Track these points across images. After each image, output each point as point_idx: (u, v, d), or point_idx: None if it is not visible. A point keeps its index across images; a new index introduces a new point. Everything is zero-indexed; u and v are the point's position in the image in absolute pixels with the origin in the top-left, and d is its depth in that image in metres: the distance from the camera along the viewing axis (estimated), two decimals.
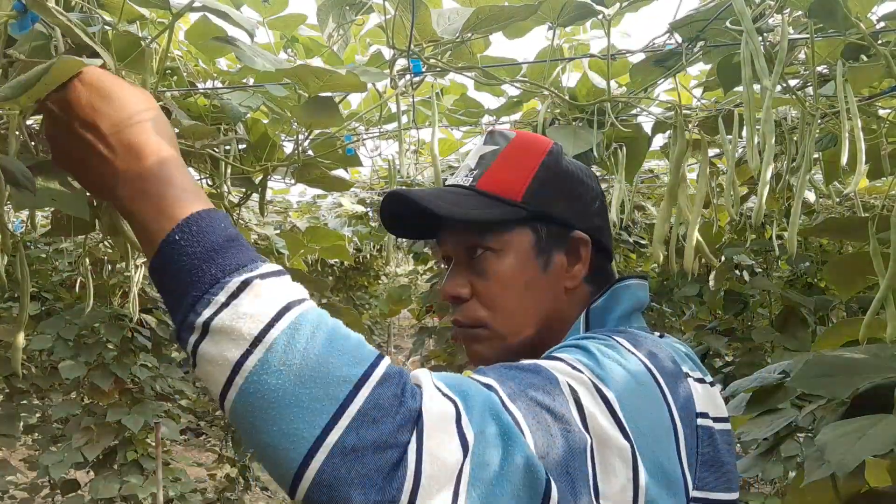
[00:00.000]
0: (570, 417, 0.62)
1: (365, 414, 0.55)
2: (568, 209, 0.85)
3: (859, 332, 1.20)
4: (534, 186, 0.83)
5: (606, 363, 0.68)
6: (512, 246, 0.83)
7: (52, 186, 0.87)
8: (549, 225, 0.84)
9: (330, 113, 1.14)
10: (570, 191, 0.86)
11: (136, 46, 0.94)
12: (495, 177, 0.84)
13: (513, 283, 0.83)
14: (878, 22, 1.12)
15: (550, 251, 0.84)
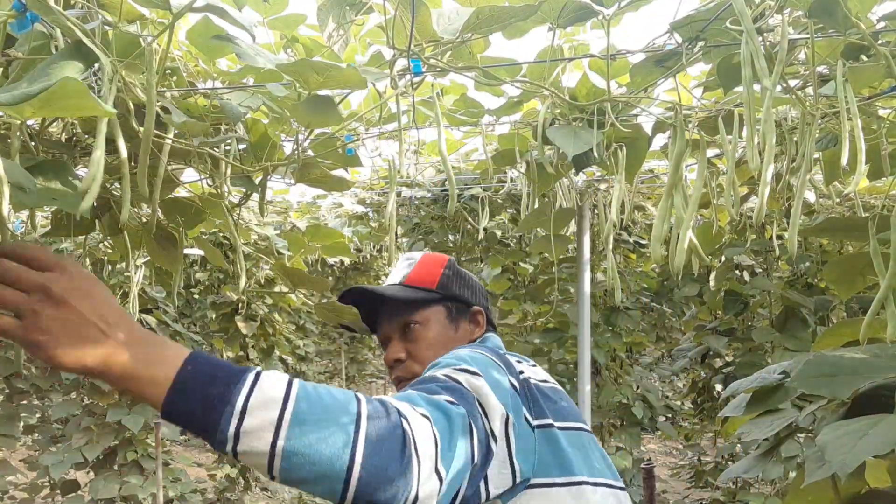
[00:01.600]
0: (457, 387, 0.90)
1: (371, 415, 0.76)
2: (466, 292, 1.28)
3: (860, 333, 1.20)
4: (443, 278, 1.27)
5: (454, 356, 1.00)
6: (433, 318, 1.23)
7: (52, 186, 0.87)
8: (455, 303, 1.26)
9: (329, 111, 1.14)
10: (465, 282, 1.30)
11: (136, 46, 0.94)
12: (416, 276, 1.27)
13: (435, 344, 1.21)
14: (879, 22, 1.12)
15: (458, 320, 1.26)
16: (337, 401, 0.76)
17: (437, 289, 1.26)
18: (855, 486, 1.12)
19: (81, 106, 0.67)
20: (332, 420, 0.74)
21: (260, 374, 0.75)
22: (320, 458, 0.72)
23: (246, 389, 0.73)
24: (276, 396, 0.73)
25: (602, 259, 3.60)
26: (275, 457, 0.71)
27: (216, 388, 0.72)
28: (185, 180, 1.46)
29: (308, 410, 0.73)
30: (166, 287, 3.56)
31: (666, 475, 6.00)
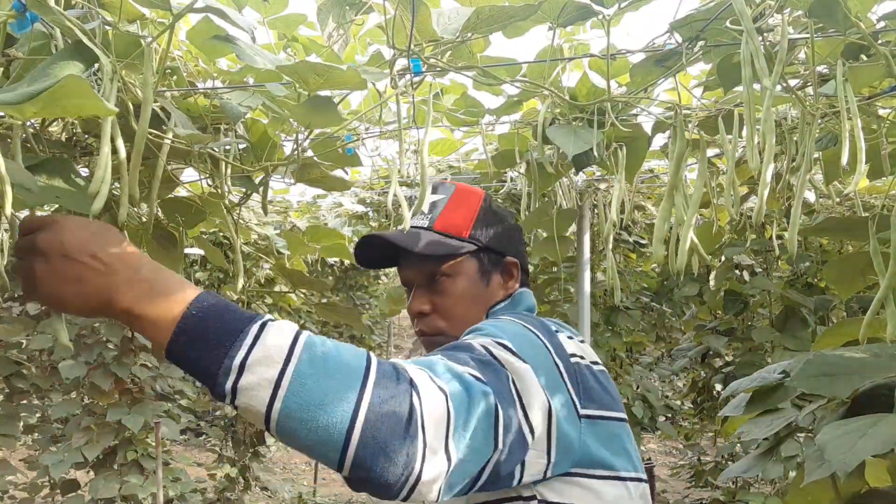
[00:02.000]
0: (492, 362, 0.85)
1: (378, 383, 0.72)
2: (501, 242, 1.16)
3: (859, 332, 1.20)
4: (477, 224, 1.14)
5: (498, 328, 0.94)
6: (462, 271, 1.12)
7: (55, 184, 0.87)
8: (488, 254, 1.14)
9: (328, 112, 1.14)
10: (502, 227, 1.17)
11: (136, 46, 0.94)
12: (447, 220, 1.14)
13: (464, 299, 1.11)
14: (878, 21, 1.12)
15: (490, 274, 1.14)
16: (343, 362, 0.72)
17: (469, 238, 1.13)
18: (855, 486, 1.12)
19: (84, 105, 0.66)
20: (335, 385, 0.70)
21: (266, 326, 0.72)
22: (317, 425, 0.69)
23: (248, 343, 0.70)
24: (279, 353, 0.70)
25: (602, 259, 3.60)
26: (271, 419, 0.69)
27: (218, 337, 0.70)
28: (185, 180, 1.46)
29: (310, 373, 0.70)
30: None
31: (666, 475, 6.00)
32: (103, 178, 0.78)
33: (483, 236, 1.14)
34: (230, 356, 0.69)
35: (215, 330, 0.70)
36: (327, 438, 0.69)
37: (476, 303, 1.11)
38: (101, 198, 0.78)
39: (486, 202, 1.17)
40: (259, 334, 0.71)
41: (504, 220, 1.18)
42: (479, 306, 1.11)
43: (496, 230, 1.16)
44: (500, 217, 1.18)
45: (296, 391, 0.69)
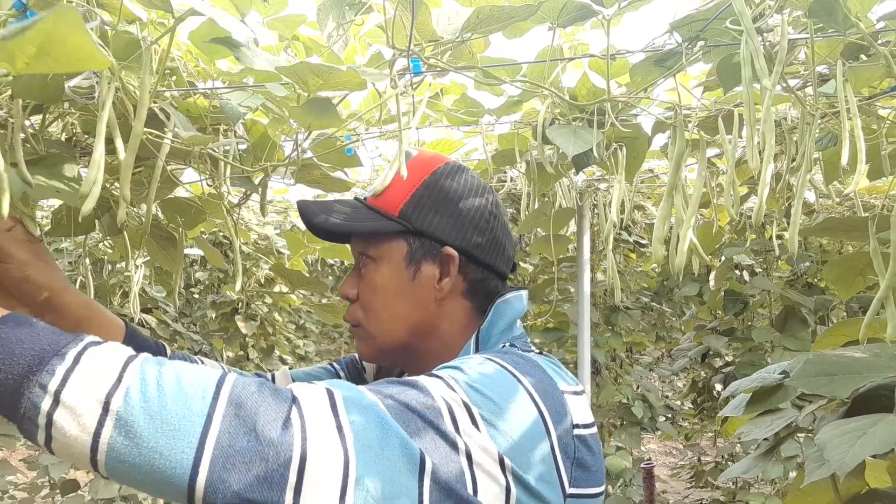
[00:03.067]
0: (440, 422, 0.69)
1: (232, 414, 0.61)
2: (441, 226, 0.92)
3: (859, 332, 1.20)
4: (411, 203, 0.92)
5: (478, 381, 0.74)
6: (386, 255, 0.92)
7: (53, 182, 0.87)
8: (421, 239, 0.92)
9: (328, 113, 1.14)
10: (448, 208, 0.92)
11: (135, 47, 0.94)
12: (385, 193, 0.94)
13: (383, 289, 0.92)
14: (878, 22, 1.12)
15: (420, 263, 0.92)
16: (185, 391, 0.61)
17: (398, 216, 0.92)
18: (855, 487, 1.12)
19: (79, 51, 0.64)
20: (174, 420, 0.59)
21: (85, 349, 0.61)
22: (153, 470, 0.59)
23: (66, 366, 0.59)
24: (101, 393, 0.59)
25: (602, 259, 3.60)
26: (98, 467, 0.60)
27: (25, 360, 0.59)
28: (184, 180, 1.46)
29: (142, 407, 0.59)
30: (166, 287, 3.56)
31: (666, 475, 6.00)
32: (95, 179, 0.78)
33: (415, 216, 0.91)
34: (41, 383, 0.59)
35: (23, 350, 0.60)
36: (170, 485, 0.59)
37: (397, 298, 0.91)
38: (91, 198, 0.77)
39: (436, 175, 0.94)
40: (77, 359, 0.61)
41: (459, 199, 0.93)
42: (401, 303, 0.92)
43: (438, 209, 0.92)
44: (451, 195, 0.93)
45: (123, 436, 0.59)
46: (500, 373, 0.77)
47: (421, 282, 0.92)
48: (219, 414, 0.60)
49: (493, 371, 0.77)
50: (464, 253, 0.92)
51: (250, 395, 0.63)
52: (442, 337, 0.94)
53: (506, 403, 0.74)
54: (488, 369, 0.77)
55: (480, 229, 0.94)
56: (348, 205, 0.95)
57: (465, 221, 0.93)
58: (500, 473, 0.71)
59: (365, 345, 0.96)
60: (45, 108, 1.12)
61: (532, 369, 0.81)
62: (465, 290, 0.94)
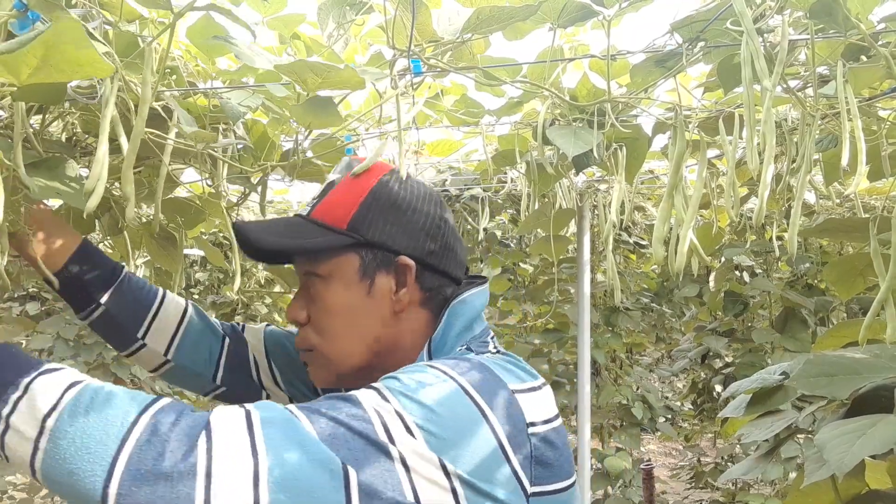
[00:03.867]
0: (371, 432, 0.68)
1: (147, 437, 0.64)
2: (394, 234, 0.88)
3: (859, 334, 1.20)
4: (359, 214, 0.87)
5: (412, 389, 0.73)
6: (337, 272, 0.87)
7: (54, 184, 0.87)
8: (373, 250, 0.87)
9: (328, 112, 1.14)
10: (399, 217, 0.88)
11: (136, 46, 0.94)
12: (327, 206, 0.89)
13: (338, 308, 0.87)
14: (879, 23, 1.12)
15: (374, 276, 0.87)
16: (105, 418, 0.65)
17: (348, 228, 0.87)
18: (855, 488, 1.12)
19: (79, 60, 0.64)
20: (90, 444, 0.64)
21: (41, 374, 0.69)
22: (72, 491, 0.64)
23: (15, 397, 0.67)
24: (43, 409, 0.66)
25: (602, 259, 3.60)
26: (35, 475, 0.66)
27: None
28: (184, 180, 1.46)
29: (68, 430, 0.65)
30: (166, 287, 3.56)
31: (665, 476, 6.00)
32: (99, 176, 0.78)
33: (365, 227, 0.87)
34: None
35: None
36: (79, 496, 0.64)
37: (354, 316, 0.87)
38: (96, 196, 0.78)
39: (382, 183, 0.90)
40: (30, 384, 0.68)
41: (408, 207, 0.89)
42: (359, 321, 0.88)
43: (388, 218, 0.88)
44: (400, 203, 0.89)
45: (52, 452, 0.64)
46: (436, 377, 0.75)
47: (377, 295, 0.88)
48: (132, 441, 0.64)
49: (429, 376, 0.75)
50: (418, 261, 0.89)
51: (166, 421, 0.66)
52: (403, 351, 0.90)
53: (442, 408, 0.72)
54: (424, 376, 0.75)
55: (433, 236, 0.90)
56: (288, 223, 0.90)
57: (416, 228, 0.89)
58: (442, 478, 0.69)
59: (322, 370, 0.91)
60: (46, 109, 1.12)
61: (474, 370, 0.78)
62: (422, 300, 0.90)
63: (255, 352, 1.13)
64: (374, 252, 0.88)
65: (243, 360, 1.12)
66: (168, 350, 1.10)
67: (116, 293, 1.09)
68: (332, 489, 0.65)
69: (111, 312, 1.08)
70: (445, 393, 0.73)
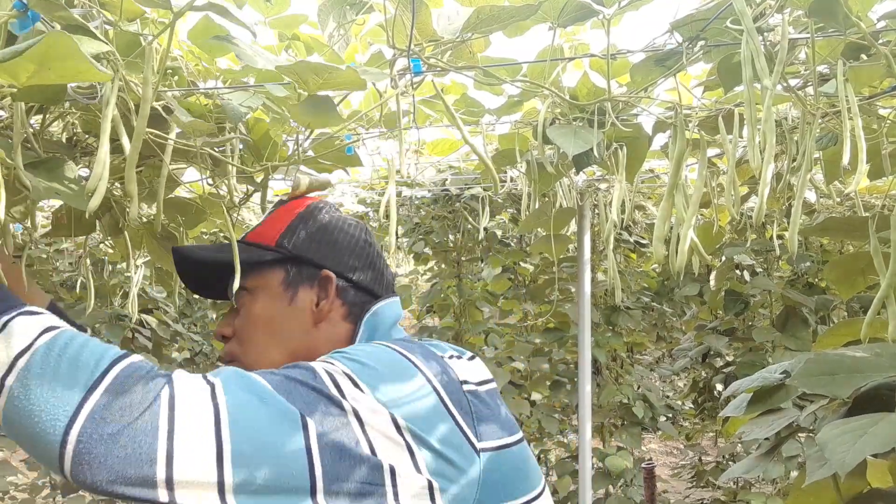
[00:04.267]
0: (325, 388, 0.73)
1: (115, 387, 0.66)
2: (319, 251, 0.96)
3: (860, 332, 1.20)
4: (287, 233, 0.96)
5: (355, 354, 0.79)
6: (263, 285, 0.95)
7: (54, 185, 0.87)
8: (298, 265, 0.95)
9: (329, 112, 1.14)
10: (324, 236, 0.97)
11: (136, 46, 0.94)
12: (260, 230, 0.99)
13: (261, 318, 0.94)
14: (879, 21, 1.12)
15: (297, 287, 0.94)
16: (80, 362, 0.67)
17: (275, 245, 0.95)
18: (856, 486, 1.12)
19: (77, 68, 0.65)
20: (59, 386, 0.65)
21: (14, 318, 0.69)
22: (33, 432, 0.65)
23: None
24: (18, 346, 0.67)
25: (602, 259, 3.60)
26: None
27: None
28: (185, 180, 1.46)
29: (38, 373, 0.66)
30: (167, 287, 3.56)
31: (667, 475, 6.00)
32: (101, 175, 0.78)
33: (292, 243, 0.95)
34: None
35: None
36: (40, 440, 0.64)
37: (274, 324, 0.93)
38: (98, 195, 0.78)
39: (311, 208, 1.00)
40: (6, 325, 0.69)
41: (334, 228, 0.98)
42: (280, 329, 0.93)
43: (314, 237, 0.96)
44: (326, 225, 0.98)
45: (18, 391, 0.65)
46: (375, 346, 0.82)
47: (298, 305, 0.94)
48: (101, 389, 0.65)
49: (370, 346, 0.83)
50: (341, 276, 0.95)
51: (133, 375, 0.68)
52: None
53: (385, 368, 0.77)
54: (365, 346, 0.83)
55: (356, 255, 0.98)
56: (222, 245, 0.98)
57: (340, 247, 0.97)
58: (395, 434, 0.73)
59: None
60: (46, 109, 1.12)
61: (408, 343, 0.85)
62: (344, 314, 0.95)
63: None
64: (298, 267, 0.95)
65: None
66: None
67: None
68: (293, 438, 0.68)
69: None
70: (387, 356, 0.80)
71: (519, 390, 3.97)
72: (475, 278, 4.18)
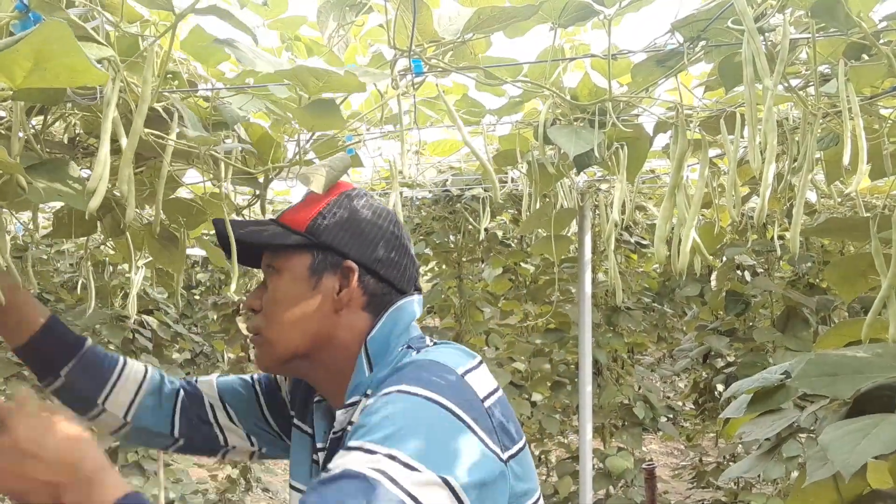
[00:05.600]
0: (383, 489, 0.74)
1: None
2: (344, 240, 0.98)
3: (861, 333, 1.20)
4: (317, 220, 0.99)
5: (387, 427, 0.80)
6: (290, 267, 0.98)
7: (55, 186, 0.88)
8: (324, 252, 0.98)
9: (331, 115, 1.14)
10: (351, 226, 0.99)
11: (137, 48, 0.94)
12: (292, 213, 1.02)
13: (284, 298, 0.98)
14: (880, 21, 1.12)
15: (321, 274, 0.98)
16: None
17: (305, 231, 0.99)
18: (857, 487, 1.12)
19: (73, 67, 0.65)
20: None
21: None
22: None
23: None
24: None
25: (603, 259, 3.60)
26: None
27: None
28: (186, 180, 1.46)
29: None
30: (168, 288, 3.56)
31: (667, 476, 6.00)
32: (101, 175, 0.78)
33: (321, 230, 0.98)
34: None
35: None
36: None
37: (297, 307, 0.97)
38: (98, 195, 0.78)
39: (343, 196, 1.02)
40: None
41: (364, 219, 1.00)
42: (301, 312, 0.97)
43: (343, 226, 0.99)
44: (356, 215, 1.00)
45: None
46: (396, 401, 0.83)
47: (321, 292, 0.97)
48: None
49: (392, 407, 0.82)
50: (364, 267, 0.98)
51: None
52: (339, 347, 0.99)
53: (429, 431, 0.80)
54: (388, 409, 0.82)
55: (382, 246, 1.00)
56: (258, 223, 1.04)
57: (366, 238, 0.99)
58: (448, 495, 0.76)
59: (263, 352, 1.01)
60: (47, 110, 1.12)
61: (435, 373, 0.87)
62: (365, 304, 0.99)
63: (210, 399, 1.20)
64: (324, 254, 0.98)
65: (200, 410, 1.19)
66: (127, 413, 1.16)
67: (77, 366, 1.13)
68: None
69: (72, 383, 1.14)
70: (414, 413, 0.82)
71: (520, 391, 3.97)
72: (476, 279, 4.18)
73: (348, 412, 0.95)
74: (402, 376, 0.87)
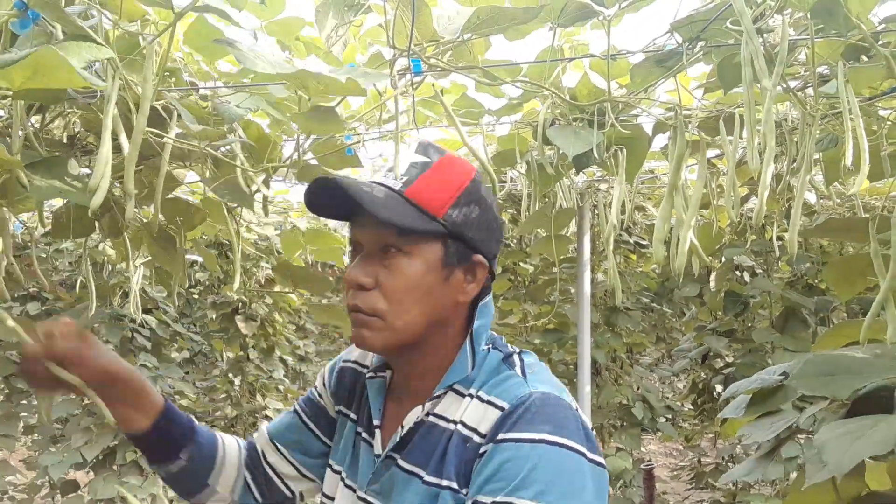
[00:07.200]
0: None
1: None
2: (477, 235, 0.95)
3: (860, 334, 1.20)
4: (454, 208, 0.93)
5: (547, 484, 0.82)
6: (422, 253, 0.92)
7: (55, 184, 0.88)
8: (458, 244, 0.94)
9: (331, 120, 1.14)
10: (482, 218, 0.96)
11: (136, 47, 0.94)
12: (423, 189, 0.93)
13: (416, 285, 0.92)
14: (879, 23, 1.12)
15: (453, 267, 0.94)
16: None
17: (443, 219, 0.92)
18: (855, 489, 1.12)
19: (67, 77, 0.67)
20: None
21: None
22: None
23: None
24: None
25: (602, 259, 3.60)
26: None
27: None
28: (188, 181, 1.46)
29: None
30: (167, 287, 3.55)
31: (666, 476, 6.00)
32: (103, 173, 0.79)
33: (459, 222, 0.93)
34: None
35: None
36: None
37: (427, 296, 0.93)
38: (100, 192, 0.78)
39: (475, 183, 0.96)
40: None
41: (489, 209, 0.97)
42: (429, 301, 0.93)
43: (476, 219, 0.95)
44: (485, 204, 0.97)
45: None
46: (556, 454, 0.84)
47: (451, 284, 0.94)
48: None
49: (524, 456, 0.84)
50: (489, 261, 0.97)
51: None
52: (449, 337, 0.97)
53: (564, 481, 0.83)
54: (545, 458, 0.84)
55: (497, 240, 0.99)
56: (388, 195, 0.92)
57: (493, 234, 0.98)
58: None
59: (378, 335, 0.94)
60: (46, 108, 1.12)
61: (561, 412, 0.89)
62: (476, 297, 0.98)
63: (262, 447, 1.16)
64: (457, 246, 0.94)
65: (260, 468, 1.15)
66: (234, 490, 1.13)
67: (195, 446, 1.09)
68: None
69: (189, 465, 1.09)
70: (559, 465, 0.84)
71: None
72: None
73: (433, 404, 0.94)
74: (535, 417, 0.87)
